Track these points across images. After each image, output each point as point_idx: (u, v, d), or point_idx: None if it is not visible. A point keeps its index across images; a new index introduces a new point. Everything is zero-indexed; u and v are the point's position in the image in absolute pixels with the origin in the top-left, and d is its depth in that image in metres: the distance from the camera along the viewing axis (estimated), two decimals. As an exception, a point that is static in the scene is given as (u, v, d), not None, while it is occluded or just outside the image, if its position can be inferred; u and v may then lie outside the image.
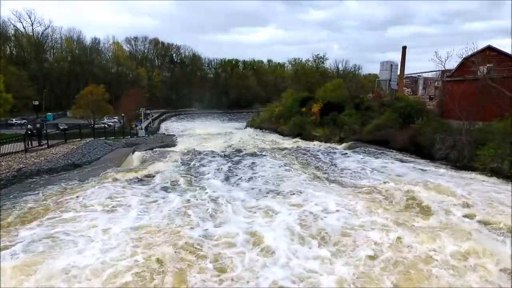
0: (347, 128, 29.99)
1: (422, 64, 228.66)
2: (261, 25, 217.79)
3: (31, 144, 19.12)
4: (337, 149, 26.53)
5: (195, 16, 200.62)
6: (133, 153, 22.85)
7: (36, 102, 26.82)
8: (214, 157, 22.68)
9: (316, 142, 32.05)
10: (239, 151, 26.38)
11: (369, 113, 33.20)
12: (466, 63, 23.83)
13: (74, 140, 22.30)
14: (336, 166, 19.53)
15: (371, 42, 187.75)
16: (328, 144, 31.17)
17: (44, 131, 21.02)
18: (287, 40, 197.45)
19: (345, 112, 35.78)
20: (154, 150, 25.59)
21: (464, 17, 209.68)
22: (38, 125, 21.04)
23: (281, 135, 43.28)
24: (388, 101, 29.73)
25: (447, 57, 23.95)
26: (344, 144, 28.76)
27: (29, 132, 19.32)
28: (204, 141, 37.33)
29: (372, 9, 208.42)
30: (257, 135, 44.82)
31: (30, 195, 12.71)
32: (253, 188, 14.81)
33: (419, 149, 22.57)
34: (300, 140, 35.76)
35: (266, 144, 33.30)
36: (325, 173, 17.88)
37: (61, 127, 53.29)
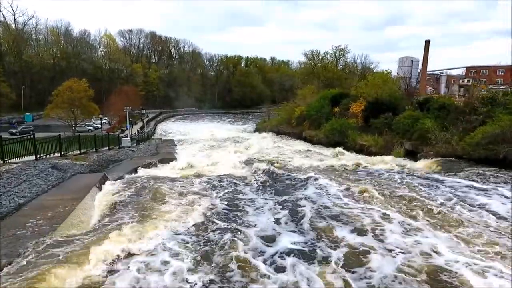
0: (432, 137, 20.32)
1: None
2: (259, 25, 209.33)
3: None
4: (426, 172, 16.85)
5: (194, 16, 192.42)
6: (100, 188, 12.93)
7: None
8: (246, 198, 12.99)
9: (374, 158, 22.43)
10: (275, 175, 16.71)
11: (443, 114, 23.70)
12: None
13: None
14: None
15: (368, 42, 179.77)
16: (390, 157, 21.73)
17: None
18: (285, 40, 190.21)
19: (405, 113, 26.28)
20: (139, 175, 15.93)
21: (461, 17, 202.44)
22: None
23: (309, 142, 33.97)
24: (492, 99, 20.04)
25: None
26: (426, 162, 19.07)
27: None
28: (213, 152, 27.77)
29: (369, 10, 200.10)
30: (277, 142, 35.31)
31: None
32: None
33: None
34: (356, 154, 25.94)
35: (302, 158, 23.66)
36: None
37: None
